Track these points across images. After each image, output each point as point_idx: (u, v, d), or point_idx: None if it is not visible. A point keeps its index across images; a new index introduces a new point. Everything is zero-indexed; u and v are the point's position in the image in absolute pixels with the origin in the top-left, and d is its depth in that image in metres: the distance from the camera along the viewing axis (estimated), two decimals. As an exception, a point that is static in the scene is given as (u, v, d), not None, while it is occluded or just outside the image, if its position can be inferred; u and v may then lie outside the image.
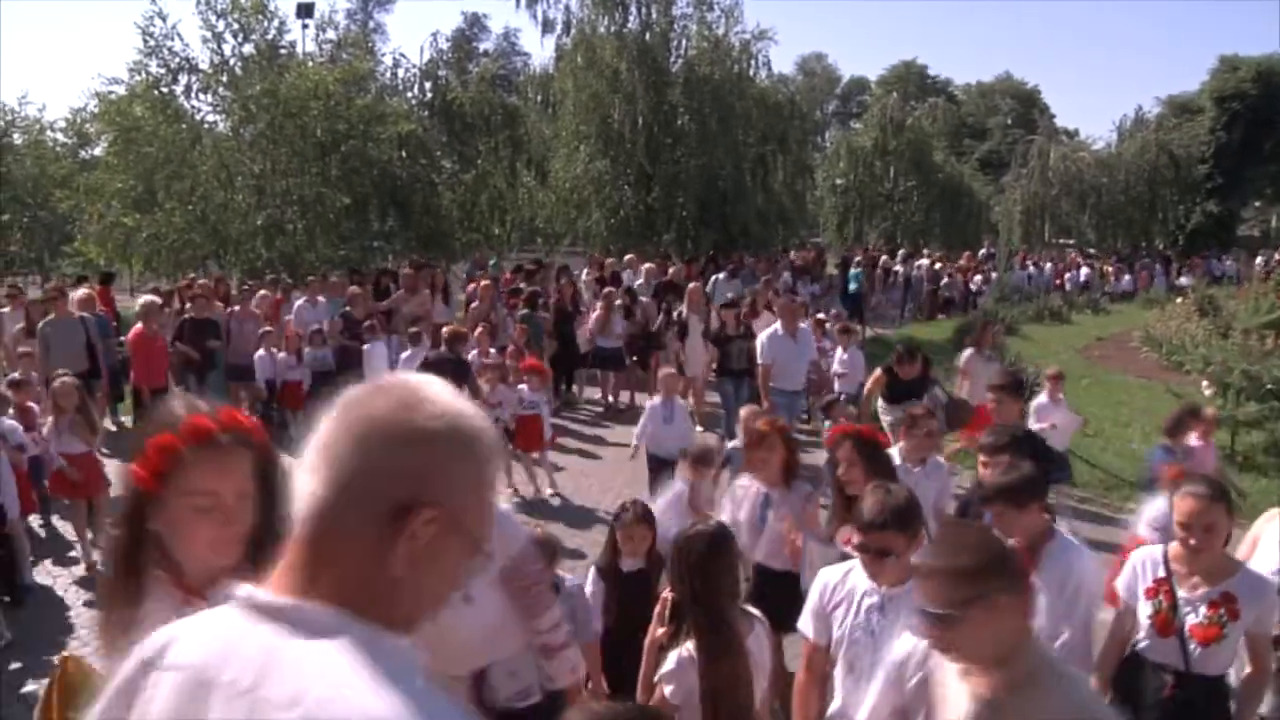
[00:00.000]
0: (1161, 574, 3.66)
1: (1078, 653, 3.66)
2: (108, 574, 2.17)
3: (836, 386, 10.85)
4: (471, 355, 10.53)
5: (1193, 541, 3.49)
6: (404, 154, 20.40)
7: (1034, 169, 40.87)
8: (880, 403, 9.34)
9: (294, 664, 1.17)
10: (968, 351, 10.46)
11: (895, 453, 5.46)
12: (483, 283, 13.88)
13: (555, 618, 3.37)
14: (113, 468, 7.89)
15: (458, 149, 23.73)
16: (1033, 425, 8.08)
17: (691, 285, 13.32)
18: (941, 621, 2.32)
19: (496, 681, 3.44)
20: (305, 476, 1.27)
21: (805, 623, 3.60)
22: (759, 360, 9.87)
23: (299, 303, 13.49)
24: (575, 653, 3.47)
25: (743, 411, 7.13)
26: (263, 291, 13.61)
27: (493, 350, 11.04)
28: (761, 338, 10.04)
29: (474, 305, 13.12)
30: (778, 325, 10.04)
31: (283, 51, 19.10)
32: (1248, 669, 3.70)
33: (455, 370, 8.63)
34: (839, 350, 11.39)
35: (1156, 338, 18.65)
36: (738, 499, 5.16)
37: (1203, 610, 3.53)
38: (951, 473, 6.05)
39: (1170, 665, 3.62)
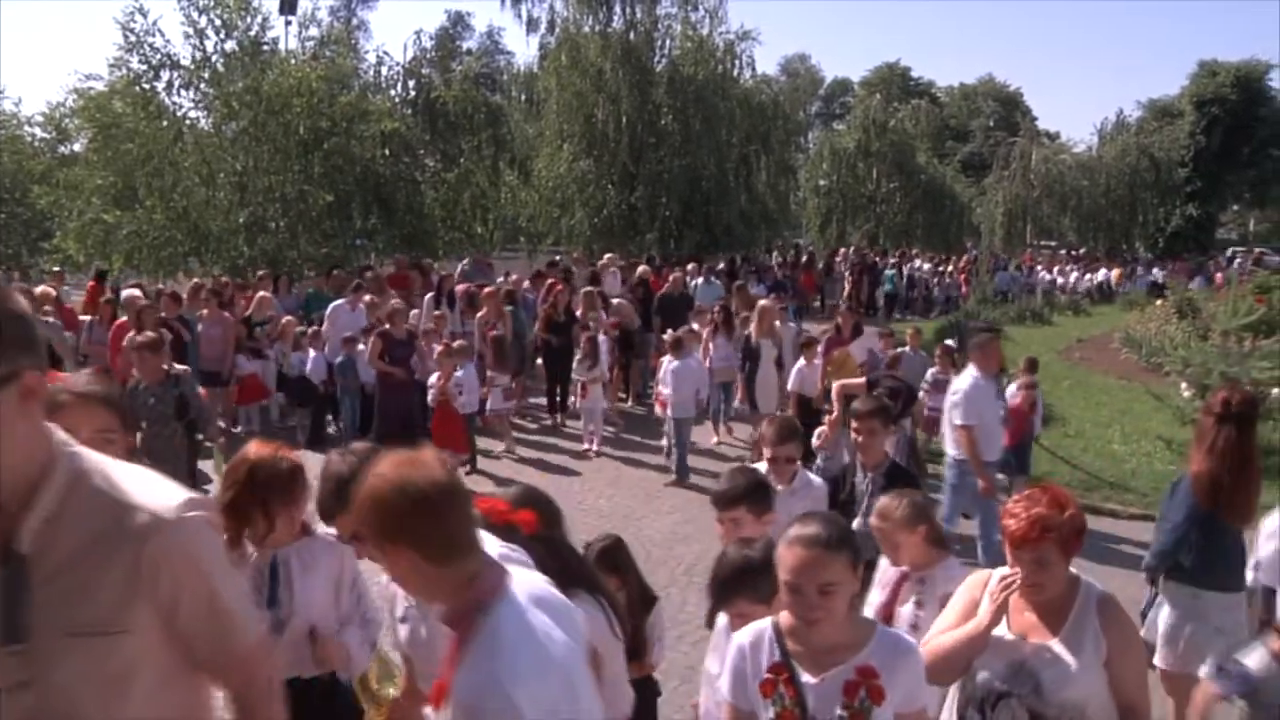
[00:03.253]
0: (777, 657, 2.63)
1: None
2: None
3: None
4: (432, 379, 10.03)
5: (801, 603, 2.51)
6: (387, 152, 20.35)
7: (1015, 171, 41.09)
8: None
9: None
10: None
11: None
12: (486, 289, 13.03)
13: None
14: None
15: (441, 147, 23.68)
16: None
17: (762, 304, 11.16)
18: None
19: None
20: None
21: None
22: (960, 420, 7.32)
23: (336, 304, 12.39)
24: None
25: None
26: (262, 292, 12.92)
27: (459, 371, 10.23)
28: (962, 388, 7.39)
29: (480, 314, 12.57)
30: (977, 371, 7.38)
31: (265, 48, 19.02)
32: None
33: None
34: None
35: (1136, 339, 18.76)
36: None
37: (838, 701, 2.53)
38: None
39: None
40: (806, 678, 2.57)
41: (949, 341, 10.31)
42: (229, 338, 11.36)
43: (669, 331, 11.87)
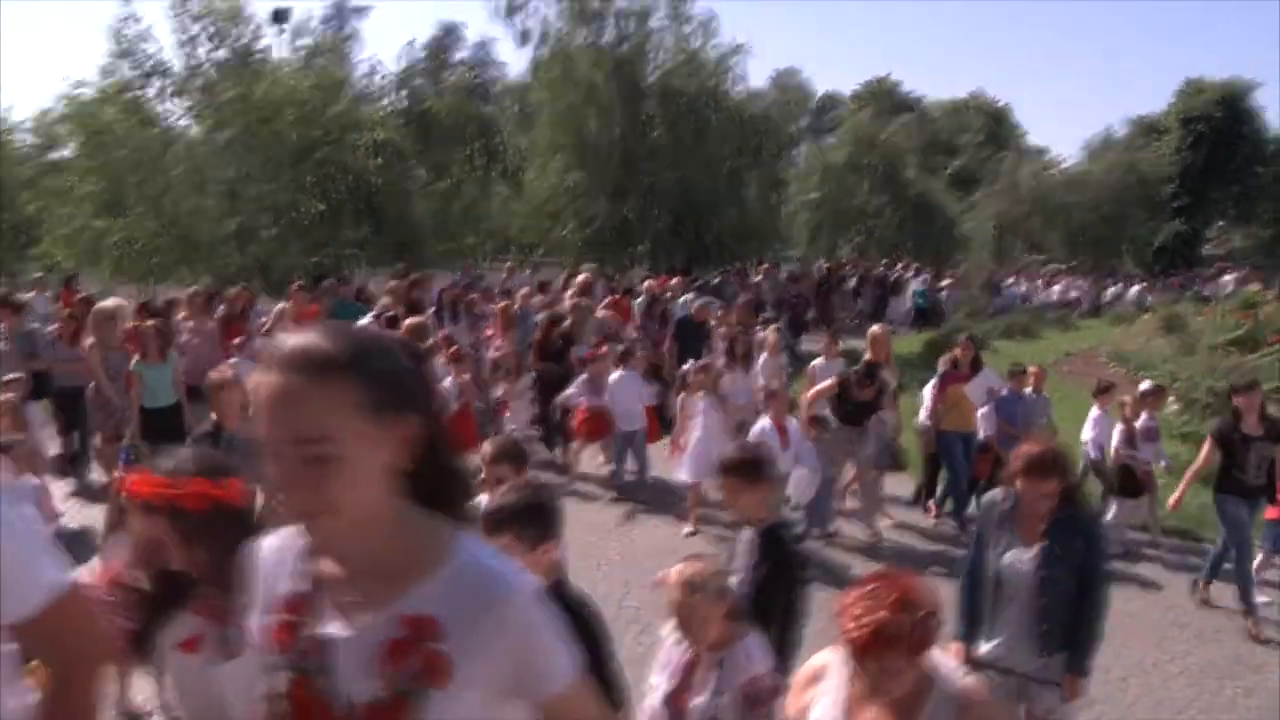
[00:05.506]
0: (302, 586, 1.53)
1: None
2: None
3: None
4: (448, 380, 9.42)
5: (281, 473, 1.37)
6: (378, 161, 20.32)
7: (1004, 186, 41.35)
8: (829, 413, 8.48)
9: None
10: None
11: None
12: (500, 304, 12.59)
13: None
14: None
15: (432, 158, 23.70)
16: None
17: (875, 331, 9.42)
18: None
19: None
20: None
21: None
22: None
23: (365, 322, 11.51)
24: None
25: None
26: (280, 305, 12.30)
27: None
28: None
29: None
30: None
31: (257, 57, 19.01)
32: None
33: None
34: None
35: (1124, 354, 18.85)
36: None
37: (369, 666, 1.44)
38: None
39: None
40: (334, 627, 1.47)
41: (1146, 386, 9.33)
42: (213, 348, 10.41)
43: (688, 360, 10.72)
